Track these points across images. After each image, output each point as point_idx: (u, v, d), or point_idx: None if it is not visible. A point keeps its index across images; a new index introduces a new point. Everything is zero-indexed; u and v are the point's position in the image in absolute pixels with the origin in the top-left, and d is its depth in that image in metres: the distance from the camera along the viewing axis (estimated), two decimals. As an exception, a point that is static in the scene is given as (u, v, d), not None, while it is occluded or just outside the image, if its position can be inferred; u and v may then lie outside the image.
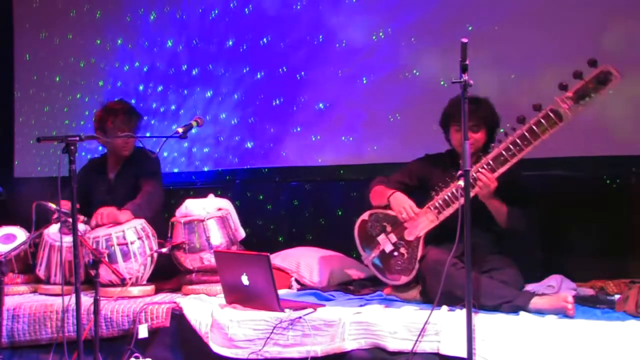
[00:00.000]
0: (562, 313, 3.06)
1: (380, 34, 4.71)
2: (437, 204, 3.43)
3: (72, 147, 2.97)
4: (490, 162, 3.28)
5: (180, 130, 3.58)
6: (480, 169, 3.26)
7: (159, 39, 5.57)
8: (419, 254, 3.48)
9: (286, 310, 3.20)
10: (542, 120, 3.13)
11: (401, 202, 3.55)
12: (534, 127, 3.14)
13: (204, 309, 3.41)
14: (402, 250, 3.57)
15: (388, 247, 3.62)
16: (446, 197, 3.39)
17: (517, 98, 4.00)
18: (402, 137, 4.62)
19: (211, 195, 4.10)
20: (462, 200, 2.74)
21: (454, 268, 3.13)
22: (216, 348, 3.23)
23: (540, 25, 4.14)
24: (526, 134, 3.16)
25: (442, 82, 4.38)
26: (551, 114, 3.11)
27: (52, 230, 3.86)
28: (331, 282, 4.14)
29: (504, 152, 3.23)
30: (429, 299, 3.41)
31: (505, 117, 3.49)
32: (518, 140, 3.18)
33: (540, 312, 3.11)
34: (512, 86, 4.20)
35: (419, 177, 3.72)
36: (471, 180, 3.21)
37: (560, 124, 3.11)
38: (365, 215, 3.74)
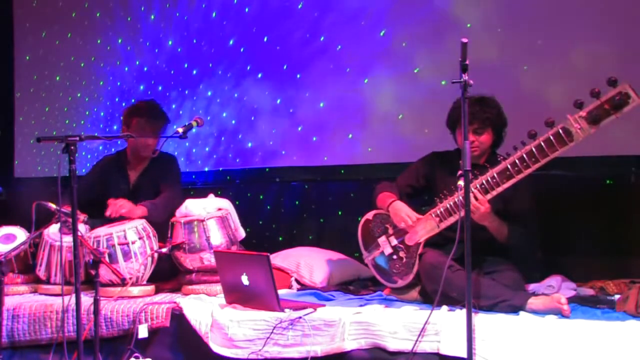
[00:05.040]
0: (558, 314, 3.05)
1: (381, 33, 4.71)
2: (439, 212, 3.40)
3: (72, 147, 2.96)
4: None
5: (180, 130, 3.58)
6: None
7: (160, 36, 5.57)
8: (417, 260, 3.48)
9: (286, 310, 3.20)
10: (552, 139, 3.02)
11: (399, 212, 3.53)
12: (543, 144, 3.04)
13: (204, 309, 3.41)
14: (401, 254, 3.56)
15: (387, 250, 3.62)
16: (449, 206, 3.35)
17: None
18: (403, 137, 4.62)
19: (211, 195, 4.10)
20: (463, 212, 2.72)
21: (450, 270, 3.12)
22: (216, 348, 3.23)
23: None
24: (534, 150, 3.07)
25: (443, 82, 4.38)
26: (562, 133, 3.00)
27: (52, 230, 3.86)
28: (331, 282, 4.15)
29: (509, 167, 3.15)
30: (427, 299, 3.41)
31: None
32: (525, 157, 3.09)
33: (535, 312, 3.11)
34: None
35: (426, 176, 3.69)
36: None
37: (570, 144, 2.99)
38: (369, 215, 3.74)
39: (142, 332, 3.42)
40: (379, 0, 4.72)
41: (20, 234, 4.08)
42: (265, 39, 5.14)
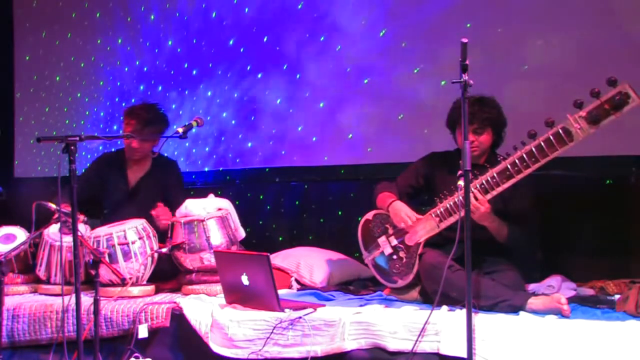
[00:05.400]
0: (558, 314, 3.06)
1: (381, 33, 4.71)
2: (439, 212, 3.40)
3: (72, 147, 2.96)
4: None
5: (180, 130, 3.58)
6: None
7: (160, 36, 5.57)
8: (417, 260, 3.48)
9: (286, 310, 3.20)
10: (552, 139, 3.01)
11: (399, 212, 3.53)
12: (543, 144, 3.04)
13: (204, 309, 3.41)
14: (401, 254, 3.56)
15: (387, 250, 3.62)
16: (449, 206, 3.35)
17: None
18: (403, 137, 4.62)
19: (211, 195, 4.10)
20: (463, 212, 2.73)
21: (450, 270, 3.12)
22: (216, 348, 3.23)
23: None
24: (534, 150, 3.06)
25: (442, 82, 4.38)
26: (562, 133, 3.00)
27: (52, 230, 3.86)
28: (331, 282, 4.15)
29: (509, 167, 3.15)
30: (427, 299, 3.41)
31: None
32: (525, 157, 3.09)
33: (535, 312, 3.11)
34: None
35: (425, 176, 3.69)
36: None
37: (570, 144, 2.99)
38: (369, 215, 3.74)
39: (142, 332, 3.42)
40: (379, 0, 4.72)
41: (20, 234, 4.08)
42: (265, 39, 5.14)
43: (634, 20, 3.94)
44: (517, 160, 3.13)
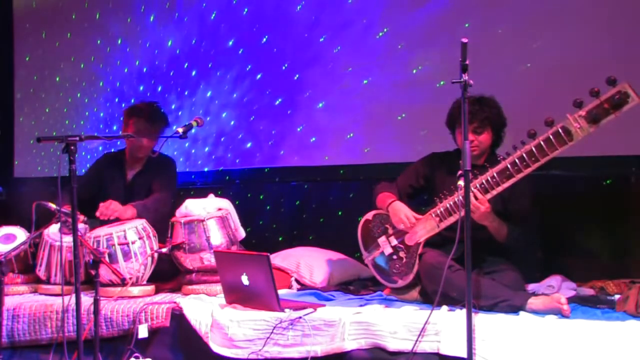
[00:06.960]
0: (558, 313, 3.06)
1: (380, 34, 4.71)
2: (439, 212, 3.40)
3: (72, 147, 2.97)
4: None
5: (180, 130, 3.58)
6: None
7: (159, 37, 5.57)
8: (417, 260, 3.48)
9: (286, 310, 3.20)
10: (552, 138, 3.02)
11: (399, 213, 3.53)
12: (542, 144, 3.04)
13: (204, 309, 3.41)
14: (401, 254, 3.56)
15: (387, 250, 3.62)
16: (448, 206, 3.35)
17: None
18: (403, 138, 4.62)
19: (211, 195, 4.10)
20: (463, 212, 2.73)
21: (450, 270, 3.12)
22: (216, 348, 3.23)
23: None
24: (534, 150, 3.06)
25: (441, 82, 4.39)
26: (562, 132, 3.00)
27: (52, 230, 3.86)
28: (331, 282, 4.15)
29: (509, 167, 3.15)
30: (427, 299, 3.41)
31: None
32: (525, 156, 3.09)
33: (535, 312, 3.11)
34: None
35: (425, 176, 3.69)
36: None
37: (570, 143, 2.99)
38: (369, 215, 3.74)
39: (142, 332, 3.42)
40: (378, 1, 4.72)
41: (20, 234, 4.08)
42: (264, 40, 5.14)
43: (635, 19, 3.94)
44: (517, 160, 3.13)
